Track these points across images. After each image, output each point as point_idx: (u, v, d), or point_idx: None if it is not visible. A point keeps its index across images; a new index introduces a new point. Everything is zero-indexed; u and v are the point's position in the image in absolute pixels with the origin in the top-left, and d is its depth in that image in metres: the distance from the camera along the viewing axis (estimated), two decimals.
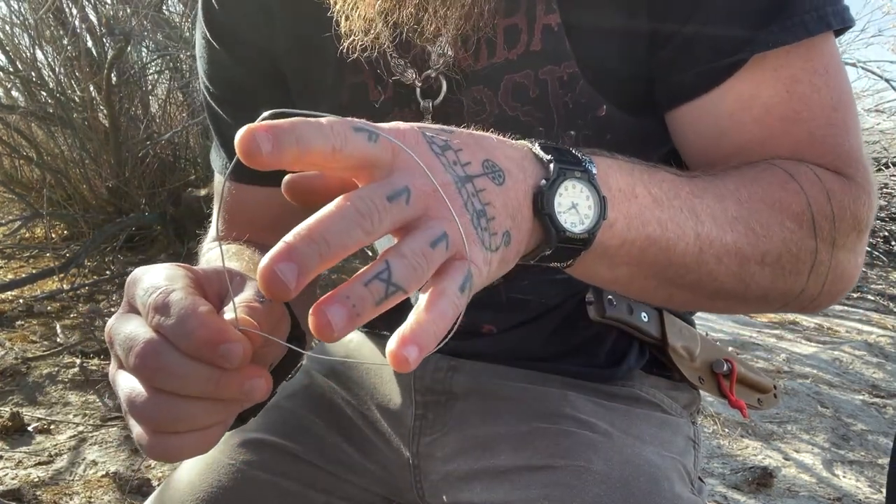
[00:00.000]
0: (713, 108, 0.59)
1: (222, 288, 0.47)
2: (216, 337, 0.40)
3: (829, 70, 0.59)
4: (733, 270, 0.54)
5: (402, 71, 0.66)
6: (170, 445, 0.42)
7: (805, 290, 0.57)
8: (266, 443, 0.74)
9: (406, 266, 0.36)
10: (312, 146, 0.36)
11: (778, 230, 0.55)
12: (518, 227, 0.43)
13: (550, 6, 0.61)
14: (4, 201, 3.77)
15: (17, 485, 1.64)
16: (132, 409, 0.41)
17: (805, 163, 0.58)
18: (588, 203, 0.45)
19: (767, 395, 0.83)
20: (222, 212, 0.79)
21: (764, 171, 0.57)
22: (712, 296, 0.56)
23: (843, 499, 1.88)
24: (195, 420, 0.42)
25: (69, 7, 3.16)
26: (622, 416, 0.72)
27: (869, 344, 3.15)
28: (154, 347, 0.40)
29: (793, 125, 0.58)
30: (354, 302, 0.35)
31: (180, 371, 0.40)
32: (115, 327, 0.44)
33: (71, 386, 2.14)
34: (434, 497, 0.74)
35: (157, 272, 0.44)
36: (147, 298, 0.42)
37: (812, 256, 0.56)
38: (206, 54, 0.75)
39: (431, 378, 0.76)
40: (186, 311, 0.40)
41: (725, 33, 0.58)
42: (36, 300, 2.70)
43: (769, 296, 0.57)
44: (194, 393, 0.41)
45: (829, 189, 0.56)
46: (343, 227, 0.35)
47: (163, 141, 3.26)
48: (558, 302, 0.72)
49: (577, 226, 0.44)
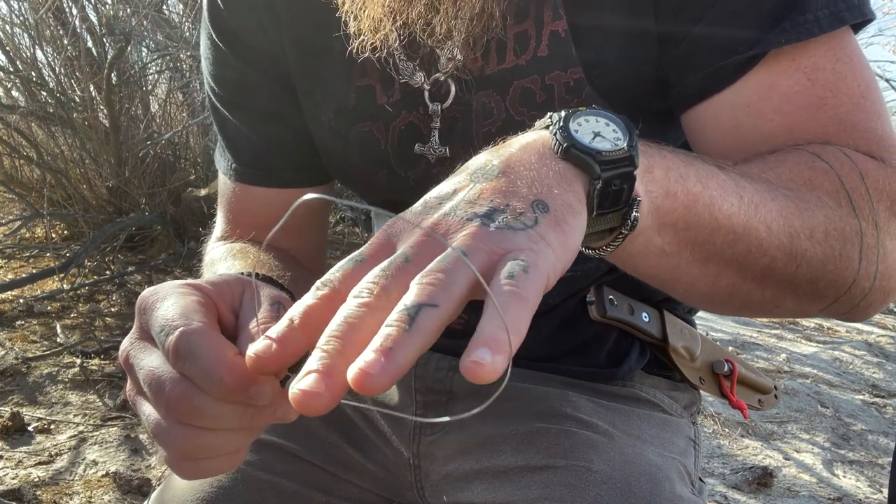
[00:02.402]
0: (731, 103, 0.58)
1: (235, 299, 0.46)
2: (245, 382, 0.39)
3: (853, 59, 0.57)
4: (784, 242, 0.50)
5: (410, 73, 0.66)
6: (201, 468, 0.43)
7: (857, 279, 0.53)
8: (266, 443, 0.74)
9: (420, 287, 0.33)
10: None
11: (817, 207, 0.51)
12: (551, 188, 0.39)
13: (558, 12, 0.61)
14: (4, 201, 3.77)
15: (17, 484, 1.64)
16: (161, 439, 0.42)
17: (833, 146, 0.55)
18: (611, 127, 0.42)
19: (768, 396, 0.83)
20: (226, 212, 0.79)
21: (787, 153, 0.55)
22: (763, 277, 0.52)
23: (844, 499, 1.88)
24: (226, 447, 0.43)
25: (69, 7, 3.16)
26: (623, 416, 0.72)
27: (869, 344, 3.14)
28: (184, 393, 0.40)
29: (818, 111, 0.56)
30: (381, 342, 0.31)
31: (213, 412, 0.40)
32: (135, 357, 0.43)
33: (71, 386, 2.14)
34: (434, 497, 0.74)
35: (171, 304, 0.43)
36: (165, 340, 0.41)
37: (859, 237, 0.52)
38: (211, 55, 0.75)
39: (432, 378, 0.76)
40: (212, 360, 0.40)
41: (738, 32, 0.57)
42: (36, 300, 2.69)
43: (820, 282, 0.53)
44: (227, 428, 0.42)
45: (862, 169, 0.54)
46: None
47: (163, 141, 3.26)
48: (559, 301, 0.72)
49: (610, 145, 0.41)
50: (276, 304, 0.46)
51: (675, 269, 0.50)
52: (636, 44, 0.60)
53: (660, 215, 0.45)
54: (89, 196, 3.30)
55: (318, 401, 0.31)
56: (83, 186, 3.30)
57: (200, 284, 0.46)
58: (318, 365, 0.32)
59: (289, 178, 0.76)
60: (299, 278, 0.67)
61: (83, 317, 2.60)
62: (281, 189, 0.76)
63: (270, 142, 0.75)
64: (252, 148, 0.76)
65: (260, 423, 0.42)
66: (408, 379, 0.78)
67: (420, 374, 0.77)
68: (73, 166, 3.30)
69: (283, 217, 0.38)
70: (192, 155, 3.50)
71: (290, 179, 0.76)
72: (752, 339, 3.06)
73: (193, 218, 3.13)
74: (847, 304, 0.55)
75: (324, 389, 0.31)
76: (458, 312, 0.34)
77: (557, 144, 0.41)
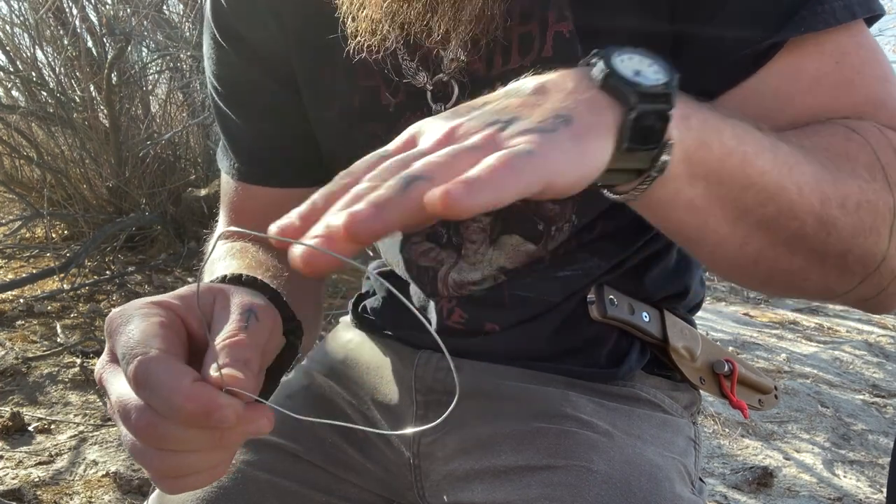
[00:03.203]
0: (756, 90, 0.58)
1: (206, 310, 0.46)
2: (205, 408, 0.40)
3: (873, 46, 0.57)
4: (815, 207, 0.49)
5: (413, 74, 0.66)
6: (183, 484, 0.44)
7: (887, 257, 0.52)
8: (266, 443, 0.74)
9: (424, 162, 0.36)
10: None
11: (851, 177, 0.51)
12: (576, 107, 0.39)
13: (563, 14, 0.60)
14: (4, 201, 3.77)
15: (17, 484, 1.64)
16: (139, 460, 0.43)
17: (867, 121, 0.55)
18: (653, 68, 0.42)
19: (768, 396, 0.83)
20: (228, 210, 0.79)
21: (822, 126, 0.54)
22: (792, 243, 0.50)
23: (844, 499, 1.88)
24: (201, 465, 0.43)
25: (69, 7, 3.16)
26: (623, 416, 0.72)
27: (869, 344, 3.14)
28: (149, 421, 0.41)
29: (848, 90, 0.56)
30: (372, 198, 0.34)
31: (179, 437, 0.41)
32: (106, 380, 0.44)
33: (71, 386, 2.14)
34: (434, 497, 0.74)
35: (132, 328, 0.43)
36: (127, 368, 0.41)
37: (891, 214, 0.51)
38: (214, 54, 0.75)
39: (432, 378, 0.76)
40: (170, 389, 0.40)
41: (755, 25, 0.56)
42: (36, 300, 2.70)
43: (849, 256, 0.51)
44: (198, 449, 0.42)
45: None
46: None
47: (163, 141, 3.26)
48: (559, 300, 0.72)
49: (651, 80, 0.40)
50: (247, 313, 0.46)
51: (704, 226, 0.49)
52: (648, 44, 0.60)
53: (692, 164, 0.45)
54: (89, 196, 3.30)
55: (317, 259, 0.33)
56: (83, 186, 3.30)
57: (167, 301, 0.46)
58: (322, 230, 0.34)
59: (291, 177, 0.76)
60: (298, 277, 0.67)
61: (83, 317, 2.60)
62: (281, 189, 0.76)
63: (273, 141, 0.75)
64: (254, 147, 0.76)
65: (231, 441, 0.42)
66: (408, 379, 0.78)
67: (420, 374, 0.77)
68: (73, 166, 3.30)
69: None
70: (192, 155, 3.50)
71: (292, 179, 0.76)
72: (752, 339, 3.06)
73: (193, 218, 3.13)
74: (874, 287, 0.54)
75: (325, 250, 0.34)
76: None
77: (598, 71, 0.41)
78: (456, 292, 0.73)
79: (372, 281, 0.88)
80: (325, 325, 2.63)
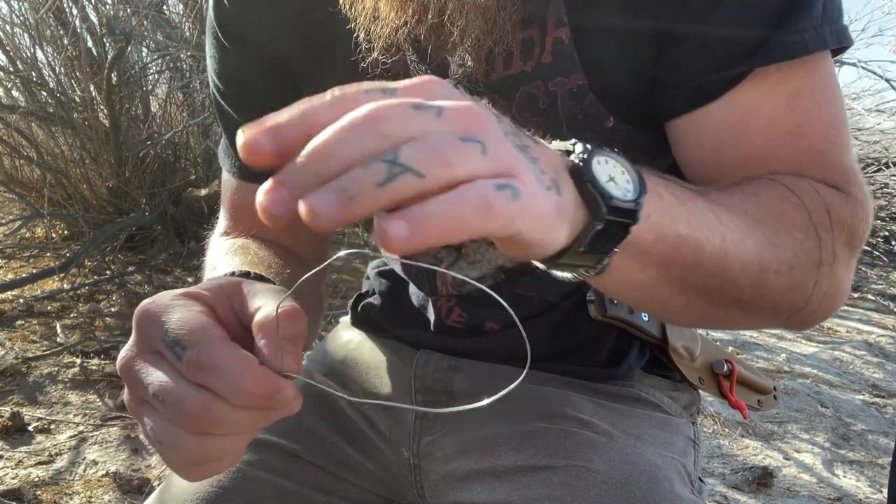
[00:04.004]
0: (716, 119, 0.60)
1: (233, 304, 0.47)
2: (270, 390, 0.41)
3: (827, 88, 0.60)
4: (754, 278, 0.53)
5: None
6: (206, 471, 0.45)
7: (809, 303, 0.57)
8: (267, 443, 0.74)
9: (421, 148, 0.31)
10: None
11: (789, 240, 0.54)
12: (564, 184, 0.39)
13: (561, 19, 0.61)
14: (4, 201, 3.77)
15: (17, 484, 1.65)
16: (170, 448, 0.43)
17: (804, 177, 0.58)
18: (625, 178, 0.42)
19: (767, 396, 0.83)
20: (229, 208, 0.79)
21: (764, 185, 0.57)
22: (728, 305, 0.55)
23: (844, 499, 1.88)
24: (229, 449, 0.44)
25: (69, 7, 3.16)
26: (623, 416, 0.72)
27: (869, 344, 3.15)
28: (205, 406, 0.41)
29: (795, 138, 0.59)
30: (346, 185, 0.30)
31: (233, 420, 0.42)
32: (140, 371, 0.44)
33: (71, 386, 2.14)
34: (434, 497, 0.74)
35: (179, 316, 0.44)
36: (183, 353, 0.42)
37: (818, 268, 0.56)
38: (216, 53, 0.75)
39: (432, 378, 0.76)
40: (238, 371, 0.41)
41: (727, 46, 0.58)
42: (36, 300, 2.70)
43: (778, 307, 0.57)
44: (241, 433, 0.44)
45: (829, 203, 0.57)
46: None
47: (163, 141, 3.26)
48: (559, 299, 0.73)
49: (622, 194, 0.41)
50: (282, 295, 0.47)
51: (649, 298, 0.53)
52: (636, 52, 0.61)
53: (645, 256, 0.47)
54: (89, 196, 3.31)
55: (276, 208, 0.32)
56: (83, 186, 3.30)
57: (199, 293, 0.47)
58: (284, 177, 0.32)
59: None
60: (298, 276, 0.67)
61: (83, 317, 2.61)
62: None
63: None
64: None
65: (270, 422, 0.44)
66: (407, 378, 0.78)
67: (420, 373, 0.77)
68: (73, 166, 3.30)
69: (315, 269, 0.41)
70: (192, 155, 3.50)
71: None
72: (752, 339, 3.06)
73: (193, 218, 3.14)
74: (796, 323, 0.61)
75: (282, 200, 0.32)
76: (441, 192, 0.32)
77: (577, 170, 0.40)
78: (455, 291, 0.73)
79: (371, 280, 0.88)
80: (325, 325, 2.63)
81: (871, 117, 4.76)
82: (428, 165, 0.31)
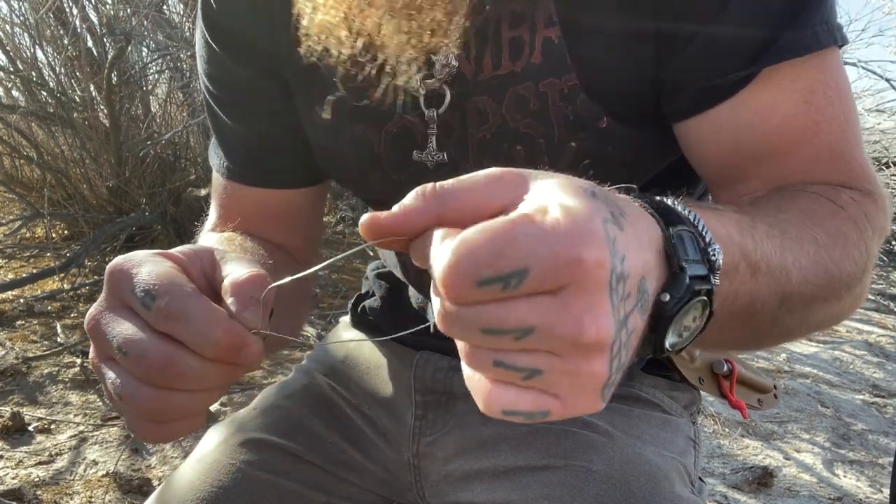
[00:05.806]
0: (731, 119, 0.59)
1: (205, 268, 0.47)
2: (238, 342, 0.41)
3: (839, 84, 0.59)
4: (800, 316, 0.53)
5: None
6: (164, 431, 0.44)
7: (841, 314, 0.58)
8: (266, 443, 0.74)
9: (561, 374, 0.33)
10: None
11: (849, 266, 0.54)
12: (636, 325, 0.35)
13: (551, 19, 0.60)
14: (4, 201, 3.77)
15: (17, 484, 1.65)
16: (128, 401, 0.42)
17: (837, 187, 0.58)
18: (696, 324, 0.39)
19: (767, 396, 0.83)
20: (218, 206, 0.79)
21: (813, 203, 0.56)
22: (767, 336, 0.55)
23: (844, 498, 1.88)
24: (192, 409, 0.43)
25: (70, 7, 3.16)
26: (622, 416, 0.72)
27: (869, 344, 3.15)
28: (171, 357, 0.41)
29: (813, 136, 0.58)
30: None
31: (197, 374, 0.41)
32: (106, 324, 0.43)
33: (71, 386, 2.14)
34: (434, 497, 0.75)
35: (150, 269, 0.43)
36: (152, 303, 0.42)
37: (860, 285, 0.56)
38: (205, 54, 0.75)
39: (432, 378, 0.76)
40: (207, 321, 0.41)
41: (737, 45, 0.57)
42: (36, 300, 2.70)
43: (824, 324, 0.57)
44: (203, 388, 0.43)
45: (866, 212, 0.57)
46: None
47: (163, 141, 3.26)
48: None
49: (678, 337, 0.39)
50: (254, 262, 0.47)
51: (717, 346, 0.55)
52: (633, 52, 0.60)
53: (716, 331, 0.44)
54: (89, 196, 3.31)
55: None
56: (83, 186, 3.30)
57: (172, 253, 0.47)
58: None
59: (281, 178, 0.76)
60: (282, 266, 0.68)
61: (83, 316, 2.60)
62: (274, 189, 0.76)
63: (264, 141, 0.75)
64: (245, 147, 0.76)
65: (233, 380, 0.44)
66: (407, 379, 0.78)
67: (419, 374, 0.77)
68: (73, 166, 3.30)
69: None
70: (192, 155, 3.50)
71: (282, 180, 0.76)
72: None
73: (193, 218, 3.13)
74: (822, 329, 0.61)
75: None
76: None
77: (679, 270, 0.37)
78: None
79: (371, 282, 0.88)
80: (325, 325, 2.63)
81: (871, 117, 4.76)
82: (548, 405, 0.35)
